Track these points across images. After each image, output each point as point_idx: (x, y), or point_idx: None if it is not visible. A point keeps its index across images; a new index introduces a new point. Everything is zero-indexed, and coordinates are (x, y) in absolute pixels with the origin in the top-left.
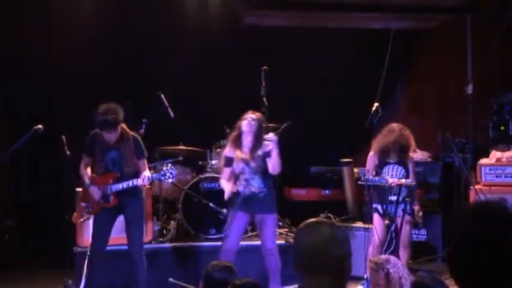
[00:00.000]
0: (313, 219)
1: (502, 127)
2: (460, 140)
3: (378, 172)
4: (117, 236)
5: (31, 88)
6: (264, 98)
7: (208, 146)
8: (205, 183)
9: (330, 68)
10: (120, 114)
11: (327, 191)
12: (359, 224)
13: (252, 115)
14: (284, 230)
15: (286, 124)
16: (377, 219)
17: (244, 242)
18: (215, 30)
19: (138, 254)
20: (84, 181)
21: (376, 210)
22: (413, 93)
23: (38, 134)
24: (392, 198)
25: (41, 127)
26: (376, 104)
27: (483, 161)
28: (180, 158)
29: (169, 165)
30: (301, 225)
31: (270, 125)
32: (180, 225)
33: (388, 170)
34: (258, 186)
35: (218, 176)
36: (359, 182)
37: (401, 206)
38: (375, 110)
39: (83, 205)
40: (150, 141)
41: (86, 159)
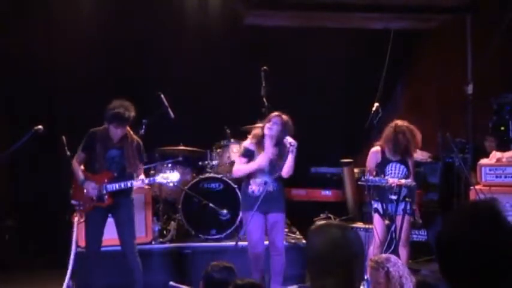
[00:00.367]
0: (324, 222)
1: (502, 127)
2: (460, 140)
3: (379, 170)
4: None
5: (31, 88)
6: (264, 98)
7: (208, 146)
8: (205, 184)
9: (330, 68)
10: (132, 112)
11: (327, 191)
12: (359, 224)
13: (276, 119)
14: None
15: None
16: (377, 220)
17: (244, 243)
18: (215, 30)
19: (132, 255)
20: (78, 177)
21: (376, 211)
22: (413, 93)
23: (38, 134)
24: (393, 197)
25: (41, 127)
26: (376, 104)
27: (483, 161)
28: (180, 159)
29: (172, 171)
30: (312, 227)
31: None
32: (180, 226)
33: (391, 168)
34: (273, 185)
35: (218, 177)
36: (359, 182)
37: (402, 205)
38: (375, 110)
39: (74, 203)
40: (150, 141)
41: (81, 155)
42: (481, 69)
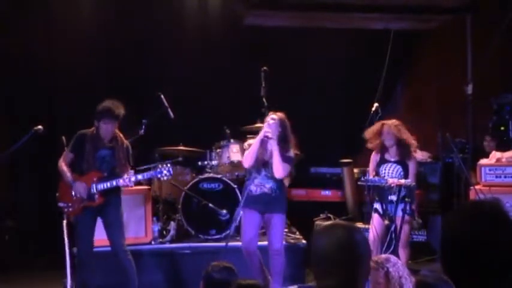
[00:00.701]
0: (330, 222)
1: (502, 127)
2: (460, 140)
3: (377, 170)
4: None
5: (31, 88)
6: (264, 99)
7: (208, 147)
8: (205, 184)
9: (330, 68)
10: (122, 110)
11: (327, 192)
12: (359, 225)
13: (271, 118)
14: (284, 230)
15: None
16: (376, 218)
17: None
18: (215, 30)
19: (123, 254)
20: (66, 178)
21: (376, 211)
22: (413, 93)
23: (38, 135)
24: (392, 197)
25: (41, 128)
26: (376, 104)
27: (483, 161)
28: (179, 159)
29: (167, 164)
30: (318, 228)
31: None
32: (180, 226)
33: (384, 168)
34: (271, 187)
35: (218, 177)
36: (359, 183)
37: (401, 206)
38: (374, 110)
39: (62, 205)
40: (150, 141)
41: (69, 155)
42: (481, 70)
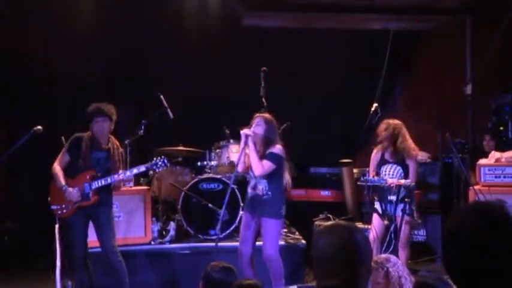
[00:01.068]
0: (331, 222)
1: (501, 127)
2: (459, 141)
3: (377, 171)
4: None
5: (31, 88)
6: (263, 99)
7: (207, 147)
8: (204, 184)
9: (329, 69)
10: (113, 110)
11: (327, 192)
12: (359, 225)
13: (257, 118)
14: (283, 231)
15: (285, 125)
16: (376, 218)
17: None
18: (214, 31)
19: (113, 255)
20: (58, 181)
21: (375, 211)
22: (412, 93)
23: (37, 135)
24: (392, 198)
25: (40, 128)
26: (375, 105)
27: (482, 161)
28: (179, 159)
29: (161, 156)
30: (320, 228)
31: None
32: (179, 226)
33: (385, 169)
34: (263, 188)
35: (217, 177)
36: (358, 183)
37: (401, 206)
38: (374, 111)
39: (55, 208)
40: (149, 142)
41: (65, 157)
42: (480, 70)
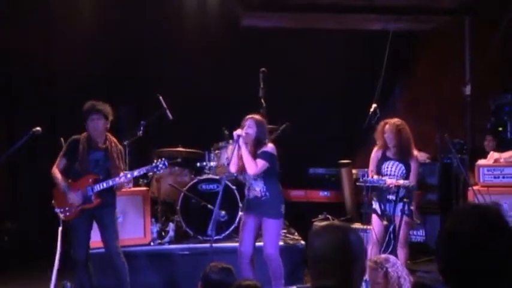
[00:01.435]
0: (326, 223)
1: (500, 128)
2: (458, 141)
3: (377, 169)
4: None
5: (31, 88)
6: (263, 100)
7: (206, 148)
8: (203, 185)
9: (328, 69)
10: (108, 109)
11: (326, 192)
12: (358, 225)
13: (248, 120)
14: (282, 231)
15: (284, 125)
16: (375, 219)
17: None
18: (213, 31)
19: (116, 256)
20: (59, 184)
21: (374, 211)
22: (411, 94)
23: (36, 136)
24: (391, 197)
25: (39, 129)
26: (374, 105)
27: (481, 161)
28: (178, 160)
29: (162, 158)
30: (314, 229)
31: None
32: (178, 227)
33: (387, 166)
34: (260, 189)
35: (216, 178)
36: (357, 183)
37: (400, 206)
38: (373, 111)
39: (59, 211)
40: (148, 143)
41: (63, 161)
42: (479, 71)
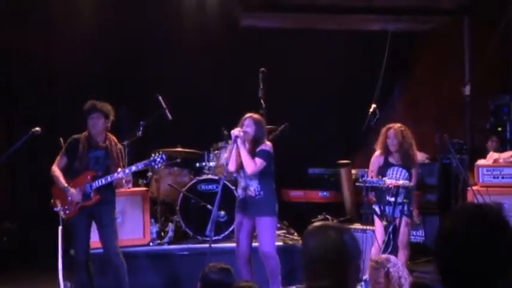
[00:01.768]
0: (320, 223)
1: (500, 128)
2: (457, 141)
3: (381, 174)
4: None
5: (31, 88)
6: (262, 100)
7: (206, 148)
8: (202, 185)
9: (328, 70)
10: (108, 108)
11: (325, 193)
12: (357, 226)
13: (247, 119)
14: (282, 232)
15: (284, 125)
16: (378, 224)
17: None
18: (213, 32)
19: (115, 256)
20: (60, 184)
21: (374, 212)
22: (410, 94)
23: (35, 136)
24: (390, 199)
25: (38, 129)
26: (373, 106)
27: (480, 162)
28: (177, 160)
29: (159, 151)
30: (308, 229)
31: (268, 126)
32: (178, 227)
33: (392, 172)
34: (255, 189)
35: (216, 178)
36: (357, 184)
37: (399, 207)
38: (372, 112)
39: (57, 209)
40: (147, 143)
41: (63, 160)
42: (478, 71)
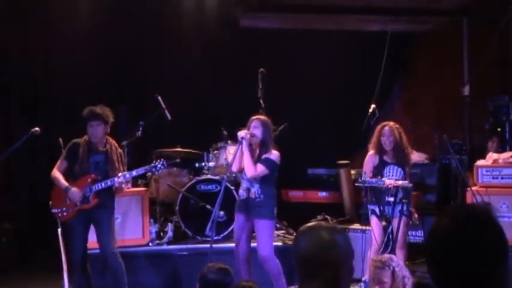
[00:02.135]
0: (312, 224)
1: (499, 129)
2: (456, 142)
3: (377, 173)
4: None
5: (31, 88)
6: (261, 100)
7: (205, 148)
8: (202, 185)
9: (327, 70)
10: (107, 113)
11: (324, 193)
12: (356, 226)
13: (254, 121)
14: (281, 232)
15: (283, 126)
16: (375, 223)
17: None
18: (212, 32)
19: (113, 257)
20: (61, 184)
21: (373, 212)
22: (410, 95)
23: (35, 136)
24: (390, 199)
25: (37, 129)
26: (373, 106)
27: (480, 162)
28: (177, 160)
29: (161, 159)
30: (300, 229)
31: None
32: (177, 228)
33: (389, 171)
34: (255, 191)
35: (215, 178)
36: (356, 184)
37: (398, 207)
38: (371, 112)
39: (55, 211)
40: (147, 143)
41: (64, 164)
42: (477, 71)
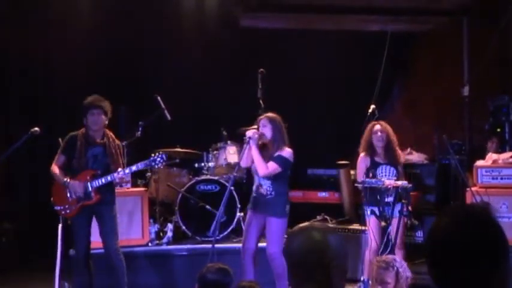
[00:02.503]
0: (303, 225)
1: (499, 129)
2: (456, 142)
3: (371, 174)
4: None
5: (31, 88)
6: (261, 100)
7: (205, 148)
8: (201, 186)
9: (327, 70)
10: (107, 104)
11: (324, 193)
12: (356, 226)
13: (262, 119)
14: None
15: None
16: (373, 223)
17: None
18: (212, 32)
19: (115, 254)
20: (60, 180)
21: (372, 212)
22: (409, 95)
23: (35, 136)
24: (389, 199)
25: (37, 129)
26: (372, 106)
27: (479, 162)
28: (176, 160)
29: (159, 152)
30: (292, 230)
31: None
32: (177, 228)
33: (382, 171)
34: (267, 188)
35: (215, 178)
36: (356, 184)
37: (398, 207)
38: (371, 112)
39: (58, 208)
40: (147, 143)
41: (61, 158)
42: (477, 71)
